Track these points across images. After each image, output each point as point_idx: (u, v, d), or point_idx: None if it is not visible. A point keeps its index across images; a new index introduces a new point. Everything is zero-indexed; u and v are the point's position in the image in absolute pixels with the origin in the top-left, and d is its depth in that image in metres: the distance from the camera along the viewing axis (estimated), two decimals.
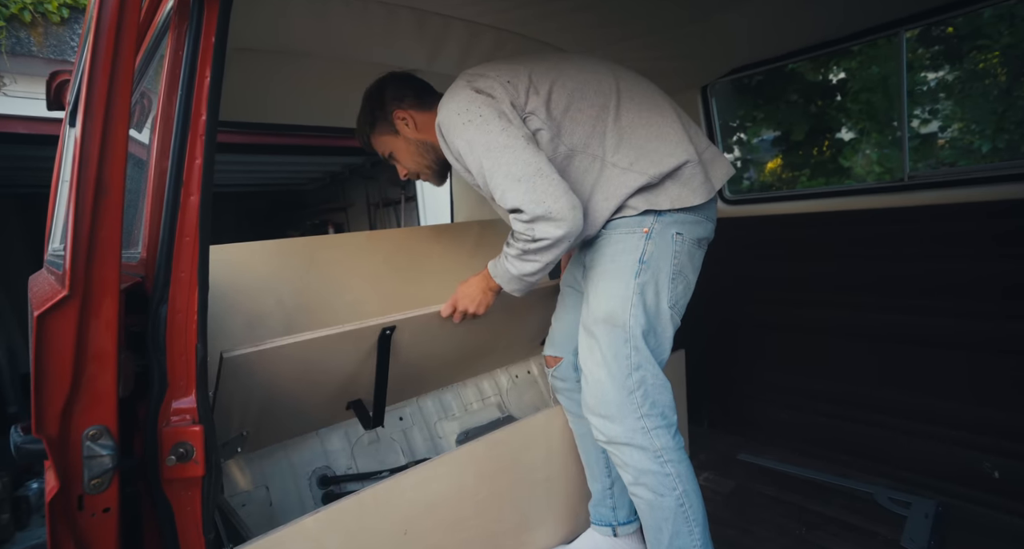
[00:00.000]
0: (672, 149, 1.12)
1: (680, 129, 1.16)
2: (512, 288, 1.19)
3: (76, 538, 0.66)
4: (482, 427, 1.76)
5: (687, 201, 1.12)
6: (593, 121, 1.13)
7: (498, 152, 1.03)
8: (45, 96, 1.71)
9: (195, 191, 0.82)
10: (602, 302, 1.13)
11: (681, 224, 1.13)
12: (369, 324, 1.15)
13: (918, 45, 4.70)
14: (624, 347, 1.10)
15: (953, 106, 4.95)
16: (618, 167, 1.11)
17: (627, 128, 1.13)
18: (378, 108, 1.28)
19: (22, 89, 2.63)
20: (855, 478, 1.73)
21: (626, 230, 1.13)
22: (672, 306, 1.14)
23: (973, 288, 1.55)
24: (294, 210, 6.89)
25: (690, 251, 1.15)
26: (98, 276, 0.68)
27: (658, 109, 1.17)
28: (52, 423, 0.63)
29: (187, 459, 0.78)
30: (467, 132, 1.06)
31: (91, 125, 0.68)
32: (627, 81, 1.20)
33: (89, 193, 0.67)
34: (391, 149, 1.33)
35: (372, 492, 1.02)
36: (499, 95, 1.08)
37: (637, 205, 1.12)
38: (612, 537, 1.36)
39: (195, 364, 0.80)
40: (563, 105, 1.12)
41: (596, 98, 1.14)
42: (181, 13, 0.84)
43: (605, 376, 1.11)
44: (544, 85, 1.12)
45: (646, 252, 1.11)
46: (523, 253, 1.08)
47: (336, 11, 1.36)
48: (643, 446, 1.09)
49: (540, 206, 1.01)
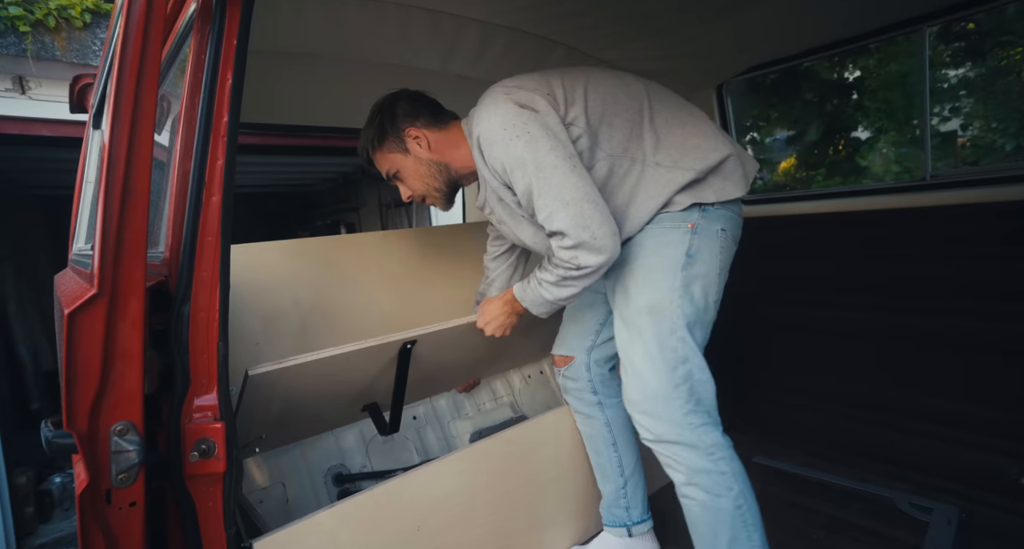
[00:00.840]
0: (714, 144, 1.13)
1: (715, 126, 1.19)
2: (541, 312, 1.18)
3: (104, 531, 0.68)
4: (495, 427, 1.76)
5: (729, 194, 1.13)
6: (630, 124, 1.13)
7: (548, 172, 1.01)
8: (68, 99, 1.74)
9: (217, 192, 0.83)
10: (645, 293, 1.11)
11: (724, 219, 1.14)
12: (391, 339, 1.15)
13: (938, 42, 4.61)
14: (671, 338, 1.08)
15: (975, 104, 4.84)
16: (662, 166, 1.11)
17: (663, 128, 1.14)
18: (389, 124, 1.24)
19: (46, 92, 2.69)
20: (875, 483, 1.70)
21: (670, 224, 1.12)
22: (715, 302, 1.14)
23: (1001, 289, 1.51)
24: (306, 210, 6.97)
25: (729, 247, 1.16)
26: (125, 275, 0.69)
27: (687, 109, 1.19)
28: (82, 418, 0.65)
29: (209, 455, 0.79)
30: (515, 148, 1.03)
31: (118, 129, 0.69)
32: (652, 85, 1.21)
33: (116, 195, 0.69)
34: (397, 168, 1.27)
35: (386, 488, 1.03)
36: (542, 109, 1.06)
37: (683, 200, 1.11)
38: (627, 537, 1.35)
39: (217, 362, 0.81)
40: (599, 111, 1.11)
41: (629, 102, 1.14)
42: (204, 16, 0.86)
43: (649, 368, 1.10)
44: (579, 93, 1.12)
45: (692, 246, 1.10)
46: (562, 279, 1.07)
47: (351, 13, 1.37)
48: (693, 443, 1.07)
49: (585, 232, 1.00)
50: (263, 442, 1.28)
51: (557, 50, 1.70)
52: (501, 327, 1.25)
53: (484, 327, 1.26)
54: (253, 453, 1.26)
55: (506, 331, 1.26)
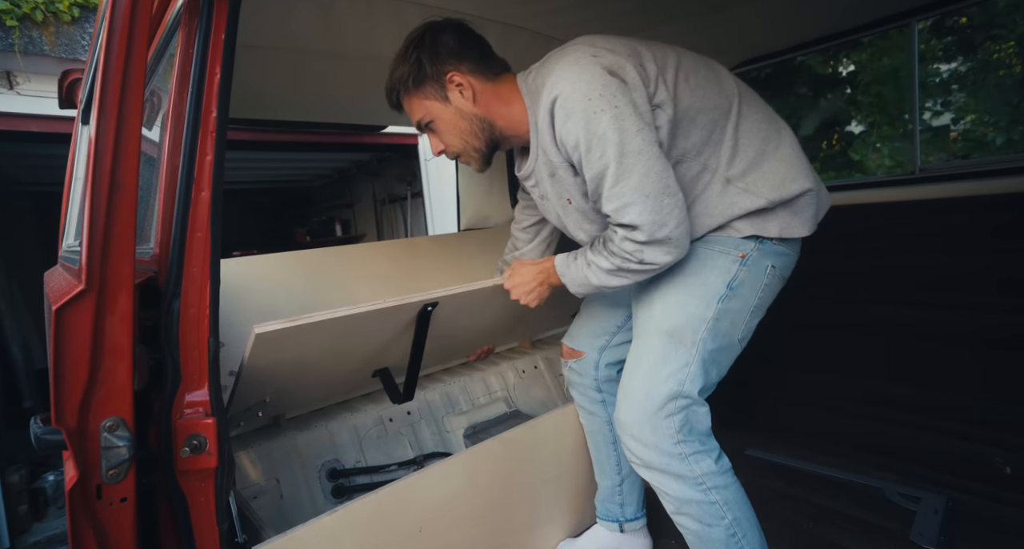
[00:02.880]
0: (796, 173, 0.99)
1: (800, 150, 1.03)
2: (580, 292, 1.09)
3: (95, 527, 0.68)
4: (489, 421, 1.77)
5: (795, 231, 1.01)
6: (712, 125, 0.99)
7: (632, 158, 0.88)
8: (57, 94, 1.73)
9: (206, 187, 0.83)
10: (672, 314, 1.02)
11: (777, 256, 1.02)
12: (412, 300, 1.08)
13: (930, 36, 4.63)
14: (680, 370, 0.99)
15: (966, 98, 4.87)
16: (732, 184, 0.99)
17: (745, 139, 1.00)
18: (428, 62, 1.01)
19: (35, 88, 2.66)
20: (864, 473, 1.73)
21: (720, 248, 1.02)
22: (741, 340, 1.05)
23: (987, 282, 1.53)
24: (301, 207, 6.94)
25: (773, 286, 1.05)
26: (113, 271, 0.69)
27: (776, 124, 1.04)
28: (71, 415, 0.65)
29: (200, 451, 0.80)
30: (599, 123, 0.88)
31: (105, 124, 0.69)
32: (745, 87, 1.05)
33: (104, 190, 0.68)
34: (432, 117, 1.07)
35: (390, 490, 1.02)
36: (632, 81, 0.91)
37: (742, 228, 1.00)
38: (619, 533, 1.37)
39: (208, 357, 0.81)
40: (686, 101, 0.96)
41: (719, 99, 0.99)
42: (191, 11, 0.85)
43: (645, 394, 1.01)
44: (669, 74, 0.96)
45: (737, 278, 1.00)
46: (617, 270, 0.98)
47: (342, 7, 1.36)
48: (681, 474, 0.99)
49: (662, 229, 0.90)
50: (267, 407, 1.25)
51: (551, 45, 1.70)
52: (531, 295, 1.14)
53: (512, 290, 1.15)
54: (256, 417, 1.24)
55: (534, 302, 1.15)
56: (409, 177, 4.94)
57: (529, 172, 1.11)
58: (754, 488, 1.76)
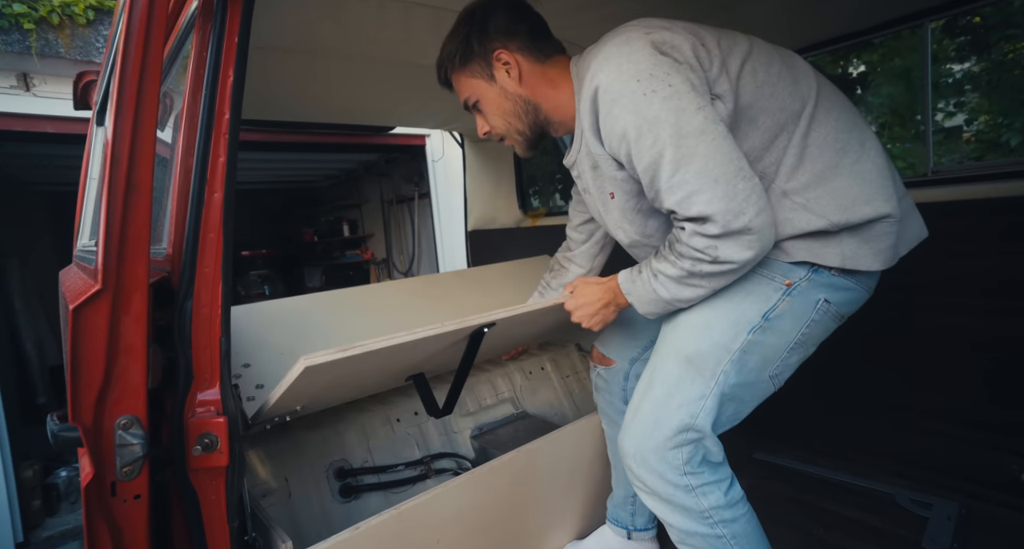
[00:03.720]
0: (873, 194, 0.85)
1: (887, 167, 0.88)
2: (650, 311, 0.96)
3: (109, 523, 0.69)
4: (496, 423, 1.77)
5: (862, 264, 0.86)
6: (777, 129, 0.86)
7: (693, 140, 0.78)
8: (72, 96, 1.75)
9: (219, 188, 0.84)
10: (694, 338, 0.92)
11: (835, 290, 0.89)
12: (471, 323, 1.03)
13: (943, 36, 4.57)
14: (694, 401, 0.90)
15: (980, 98, 4.80)
16: (789, 198, 0.86)
17: (815, 149, 0.86)
18: (476, 39, 0.98)
19: (50, 89, 2.70)
20: (874, 478, 1.71)
21: (764, 272, 0.90)
22: (774, 377, 0.94)
23: (1000, 285, 1.51)
24: (309, 207, 6.99)
25: (828, 324, 0.92)
26: (128, 271, 0.70)
27: (859, 133, 0.89)
28: (87, 412, 0.66)
29: (212, 449, 0.80)
30: (650, 106, 0.79)
31: (121, 127, 0.70)
32: (827, 89, 0.91)
33: (120, 192, 0.69)
34: (477, 97, 1.03)
35: (413, 505, 1.02)
36: (687, 58, 0.82)
37: (794, 252, 0.87)
38: (626, 540, 1.36)
39: (219, 357, 0.82)
40: (748, 97, 0.85)
41: (789, 100, 0.86)
42: (205, 14, 0.86)
43: (653, 421, 0.92)
44: (734, 63, 0.85)
45: (777, 309, 0.88)
46: (689, 275, 0.86)
47: (353, 9, 1.37)
48: (687, 506, 0.91)
49: (739, 218, 0.78)
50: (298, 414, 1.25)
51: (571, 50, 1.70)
52: (595, 318, 1.03)
53: (574, 311, 1.05)
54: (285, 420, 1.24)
55: (598, 326, 1.05)
56: (416, 178, 4.96)
57: (572, 162, 1.04)
58: (762, 492, 1.75)
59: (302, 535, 1.30)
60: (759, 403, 0.97)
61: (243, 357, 1.28)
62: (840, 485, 1.71)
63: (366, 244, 6.19)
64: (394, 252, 5.68)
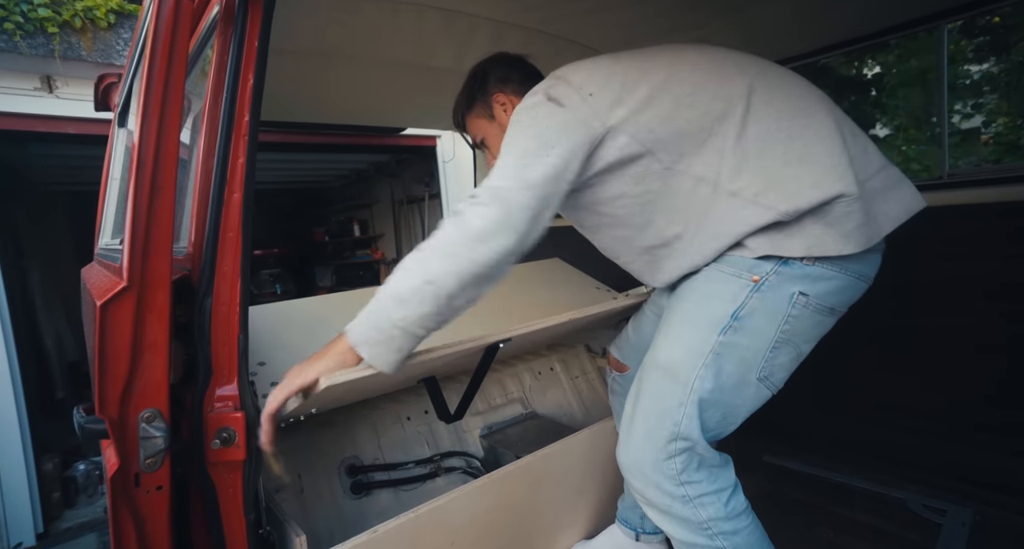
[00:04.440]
0: (819, 176, 0.83)
1: (837, 145, 0.85)
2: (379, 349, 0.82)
3: (133, 512, 0.71)
4: (505, 423, 1.78)
5: (830, 249, 0.84)
6: (705, 134, 0.88)
7: (512, 147, 0.88)
8: (93, 98, 1.79)
9: (238, 189, 0.86)
10: (668, 346, 0.93)
11: (811, 281, 0.86)
12: (487, 341, 1.07)
13: (960, 37, 4.51)
14: (675, 409, 0.89)
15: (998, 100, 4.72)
16: (738, 198, 0.86)
17: (755, 145, 0.87)
18: (479, 87, 1.16)
19: (72, 91, 2.77)
20: (886, 483, 1.69)
21: (730, 271, 0.89)
22: (763, 379, 0.91)
23: (1015, 289, 1.49)
24: (320, 207, 7.06)
25: (814, 318, 0.88)
26: (152, 269, 0.72)
27: (806, 117, 0.87)
28: (113, 405, 0.68)
29: (230, 443, 0.82)
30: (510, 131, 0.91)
31: (147, 129, 0.72)
32: (766, 80, 0.91)
33: (145, 192, 0.72)
34: (483, 134, 1.19)
35: (429, 508, 1.03)
36: (572, 105, 0.89)
37: (755, 247, 0.86)
38: (634, 541, 1.36)
39: (237, 353, 0.84)
40: (664, 113, 0.88)
41: (713, 103, 0.88)
42: (227, 18, 0.88)
43: (643, 433, 0.92)
44: (640, 90, 0.89)
45: (745, 307, 0.87)
46: (431, 251, 0.84)
47: (367, 12, 1.39)
48: (685, 517, 0.90)
49: (494, 179, 0.85)
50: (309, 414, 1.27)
51: (571, 49, 1.71)
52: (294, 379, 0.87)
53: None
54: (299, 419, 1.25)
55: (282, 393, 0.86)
56: (427, 178, 5.00)
57: None
58: (771, 496, 1.74)
59: (315, 530, 1.32)
60: (755, 407, 0.94)
61: (259, 355, 1.31)
62: (851, 489, 1.69)
63: (376, 244, 6.24)
64: (404, 252, 5.70)
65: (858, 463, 1.81)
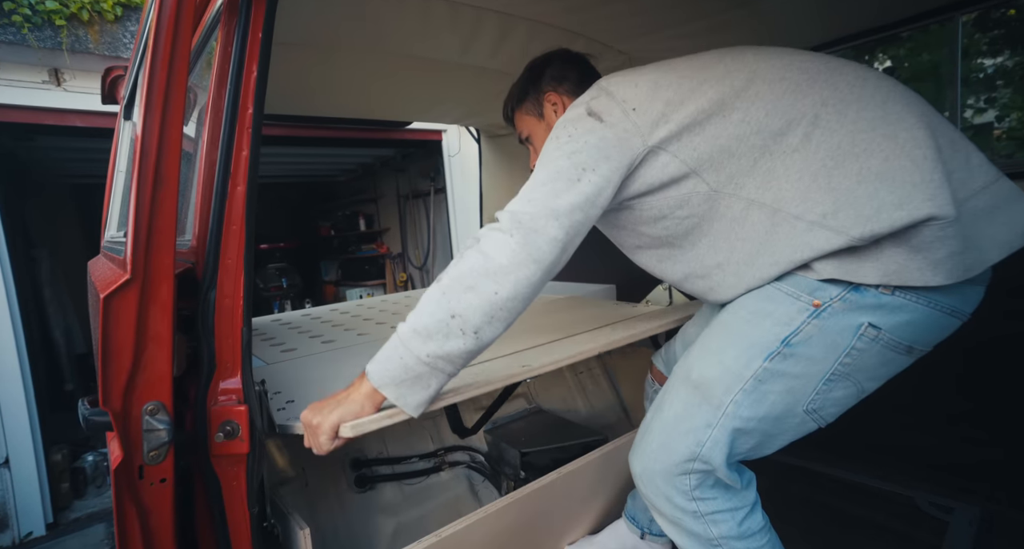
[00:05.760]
0: (904, 195, 0.70)
1: (929, 158, 0.71)
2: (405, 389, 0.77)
3: (137, 504, 0.71)
4: (510, 418, 1.78)
5: (913, 278, 0.71)
6: (757, 153, 0.78)
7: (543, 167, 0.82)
8: (100, 91, 1.80)
9: (242, 182, 0.85)
10: (704, 362, 0.86)
11: (886, 313, 0.74)
12: (516, 379, 1.04)
13: (974, 29, 4.42)
14: (700, 429, 0.83)
15: (1012, 94, 4.64)
16: (802, 221, 0.75)
17: (825, 163, 0.75)
18: (533, 83, 1.12)
19: (79, 84, 2.78)
20: (894, 481, 1.68)
21: (788, 290, 0.80)
22: (811, 412, 0.82)
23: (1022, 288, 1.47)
24: (325, 201, 7.07)
25: (884, 355, 0.77)
26: (156, 261, 0.72)
27: (888, 126, 0.74)
28: (117, 398, 0.68)
29: (233, 436, 0.83)
30: (547, 144, 0.87)
31: (150, 121, 0.72)
32: (840, 88, 0.78)
33: (148, 184, 0.71)
34: (530, 132, 1.15)
35: (453, 531, 1.02)
36: (612, 120, 0.83)
37: (822, 269, 0.76)
38: (639, 539, 1.35)
39: (241, 346, 0.84)
40: (712, 132, 0.81)
41: (769, 120, 0.78)
42: (231, 10, 0.88)
43: (659, 444, 0.87)
44: (689, 106, 0.82)
45: (799, 333, 0.77)
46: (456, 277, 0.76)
47: (372, 3, 1.38)
48: (695, 533, 0.86)
49: (516, 203, 0.79)
50: None
51: (577, 41, 1.69)
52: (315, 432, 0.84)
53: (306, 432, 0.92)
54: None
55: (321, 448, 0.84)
56: (432, 173, 4.99)
57: None
58: (777, 492, 1.73)
59: (318, 523, 1.32)
60: (795, 438, 0.87)
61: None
62: (858, 487, 1.68)
63: (382, 238, 6.24)
64: (409, 247, 5.72)
65: (865, 460, 1.80)
